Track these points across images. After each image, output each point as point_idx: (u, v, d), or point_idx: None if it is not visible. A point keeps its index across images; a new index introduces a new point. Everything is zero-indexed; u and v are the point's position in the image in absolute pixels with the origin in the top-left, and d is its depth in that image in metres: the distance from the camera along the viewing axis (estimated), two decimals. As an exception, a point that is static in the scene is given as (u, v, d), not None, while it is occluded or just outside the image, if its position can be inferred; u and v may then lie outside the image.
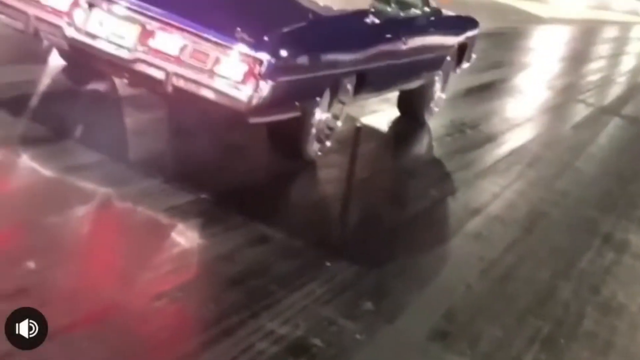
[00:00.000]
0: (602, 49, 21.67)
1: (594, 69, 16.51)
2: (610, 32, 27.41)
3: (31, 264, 3.05)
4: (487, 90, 10.26)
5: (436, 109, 7.24)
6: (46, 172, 4.00)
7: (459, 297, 4.06)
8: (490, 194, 5.83)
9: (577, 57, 17.79)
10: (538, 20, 21.51)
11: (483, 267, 4.51)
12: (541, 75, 13.51)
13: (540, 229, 5.50)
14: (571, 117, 10.53)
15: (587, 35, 23.79)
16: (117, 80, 5.20)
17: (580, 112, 10.91)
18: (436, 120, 7.29)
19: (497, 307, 4.10)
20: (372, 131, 6.62)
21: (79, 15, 4.27)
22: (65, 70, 5.37)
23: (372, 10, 5.34)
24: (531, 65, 14.51)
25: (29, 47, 5.25)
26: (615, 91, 14.09)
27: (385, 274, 3.99)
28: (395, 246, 4.42)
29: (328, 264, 3.84)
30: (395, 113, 7.08)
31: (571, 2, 31.27)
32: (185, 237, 3.83)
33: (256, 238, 3.87)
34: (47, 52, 5.33)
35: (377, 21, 5.35)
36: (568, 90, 12.58)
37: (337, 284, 3.69)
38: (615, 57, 20.30)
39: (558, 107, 11.04)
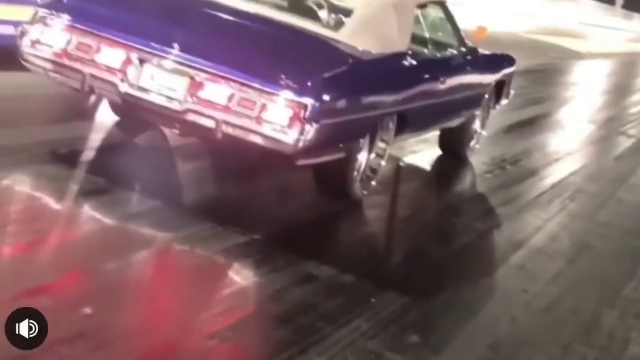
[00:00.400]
0: (643, 80, 21.58)
1: (635, 101, 16.45)
2: (651, 64, 27.25)
3: (88, 309, 3.14)
4: (529, 125, 10.31)
5: (477, 146, 7.35)
6: (103, 220, 4.12)
7: (504, 329, 4.10)
8: (533, 227, 5.89)
9: (618, 90, 17.75)
10: (577, 55, 21.48)
11: (527, 298, 4.55)
12: (582, 109, 13.51)
13: (583, 260, 5.51)
14: (613, 149, 10.52)
15: (627, 67, 23.68)
16: (167, 131, 5.37)
17: (622, 143, 10.91)
18: (477, 157, 7.37)
19: (542, 337, 4.13)
20: (414, 170, 6.74)
21: (131, 71, 4.43)
22: (117, 124, 5.56)
23: (410, 52, 5.48)
24: (572, 99, 14.51)
25: (78, 104, 5.47)
26: (657, 122, 14.04)
27: (431, 307, 4.07)
28: (440, 279, 4.49)
29: (373, 299, 3.90)
30: (435, 152, 7.19)
31: (609, 36, 31.15)
32: (236, 278, 3.94)
33: (303, 277, 3.96)
34: (95, 108, 5.51)
35: (414, 63, 5.48)
36: (609, 123, 12.56)
37: (383, 318, 3.74)
38: (656, 88, 20.22)
39: (599, 140, 11.04)
